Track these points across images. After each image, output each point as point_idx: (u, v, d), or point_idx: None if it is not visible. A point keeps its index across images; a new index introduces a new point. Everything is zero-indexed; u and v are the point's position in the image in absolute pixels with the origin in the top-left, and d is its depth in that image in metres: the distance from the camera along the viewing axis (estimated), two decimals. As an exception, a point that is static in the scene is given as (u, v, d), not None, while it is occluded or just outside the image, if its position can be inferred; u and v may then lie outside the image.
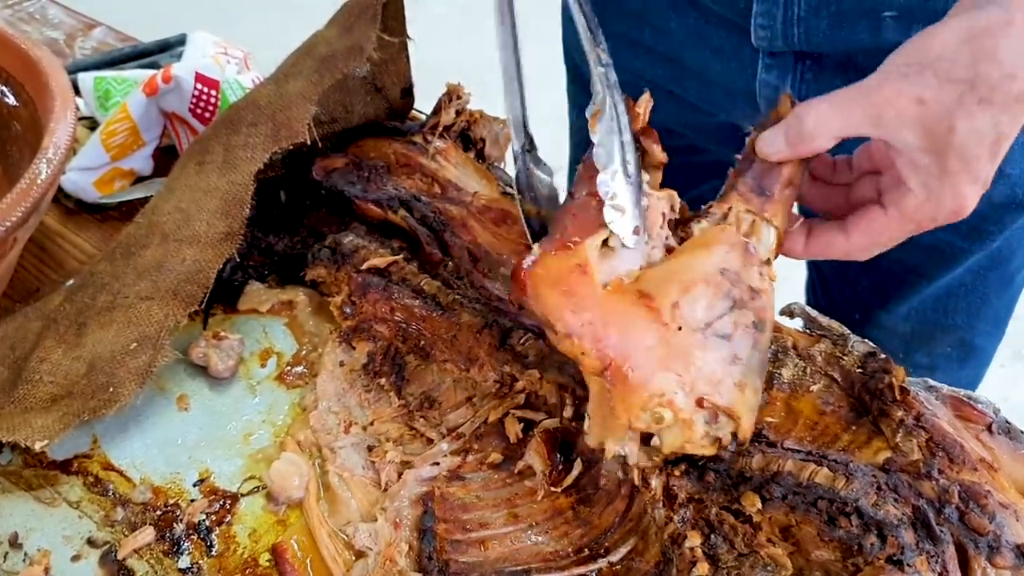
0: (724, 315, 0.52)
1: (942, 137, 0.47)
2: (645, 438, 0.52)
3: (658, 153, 0.56)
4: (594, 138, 0.53)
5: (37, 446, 0.57)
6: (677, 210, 0.57)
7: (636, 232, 0.53)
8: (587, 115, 0.54)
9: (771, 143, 0.52)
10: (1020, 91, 0.46)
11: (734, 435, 0.51)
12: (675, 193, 0.57)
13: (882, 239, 0.52)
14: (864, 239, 0.52)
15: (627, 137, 0.53)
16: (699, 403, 0.50)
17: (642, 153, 0.56)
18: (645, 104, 0.56)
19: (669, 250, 0.55)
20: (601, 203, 0.53)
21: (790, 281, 0.59)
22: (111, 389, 0.59)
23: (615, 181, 0.53)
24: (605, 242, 0.53)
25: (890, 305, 0.89)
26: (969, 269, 0.84)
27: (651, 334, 0.51)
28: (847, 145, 0.54)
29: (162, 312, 0.62)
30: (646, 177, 0.55)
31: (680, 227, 0.56)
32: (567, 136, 1.06)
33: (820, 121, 0.50)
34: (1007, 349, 2.03)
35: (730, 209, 0.55)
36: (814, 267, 1.01)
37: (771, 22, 0.74)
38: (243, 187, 0.65)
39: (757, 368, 0.52)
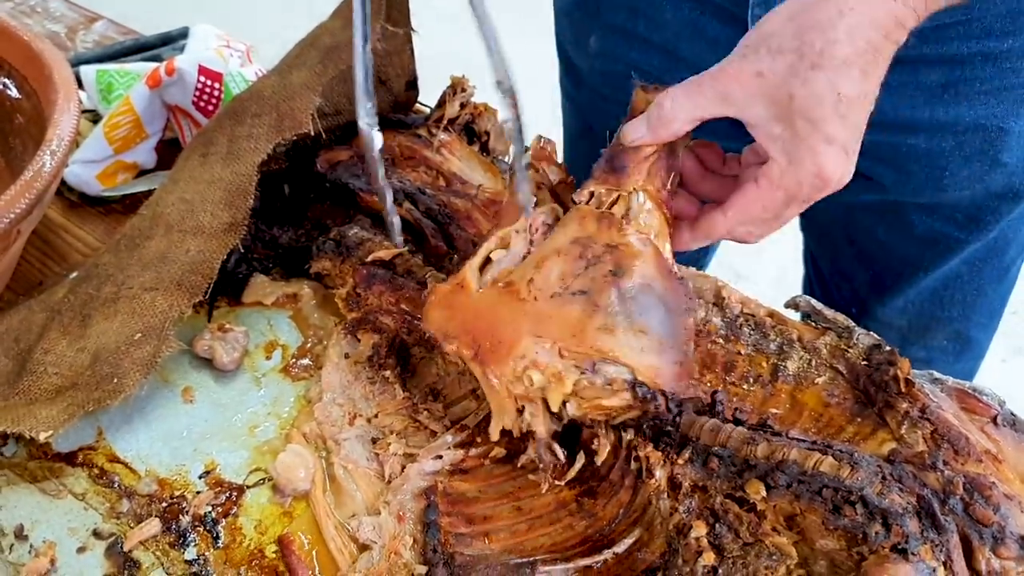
0: (579, 275, 0.53)
1: (785, 104, 0.50)
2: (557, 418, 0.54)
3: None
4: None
5: (41, 437, 0.57)
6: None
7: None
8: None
9: (634, 130, 0.56)
10: (845, 54, 0.49)
11: (660, 393, 0.51)
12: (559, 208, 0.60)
13: (756, 210, 0.53)
14: (740, 213, 0.54)
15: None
16: (560, 354, 0.51)
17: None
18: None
19: None
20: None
21: (787, 281, 0.60)
22: (115, 380, 0.59)
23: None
24: (489, 259, 0.57)
25: (886, 298, 0.89)
26: (965, 260, 0.84)
27: (511, 311, 0.53)
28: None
29: (166, 303, 0.62)
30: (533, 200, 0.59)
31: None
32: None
33: (675, 105, 0.54)
34: (1008, 344, 2.04)
35: (591, 194, 0.56)
36: (811, 264, 1.01)
37: (769, 5, 0.74)
38: (247, 178, 0.65)
39: (629, 311, 0.52)
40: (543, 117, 0.96)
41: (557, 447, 0.55)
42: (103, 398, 0.59)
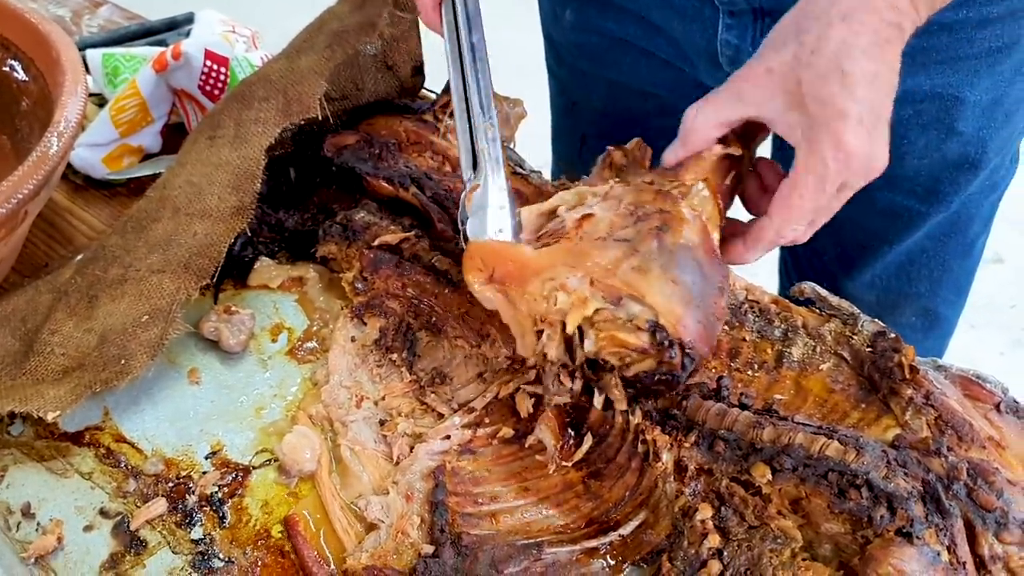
0: (626, 227, 0.55)
1: (796, 92, 0.53)
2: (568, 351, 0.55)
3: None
4: (467, 212, 0.62)
5: (49, 417, 0.57)
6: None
7: None
8: (464, 192, 0.63)
9: (671, 151, 0.59)
10: (842, 36, 0.52)
11: (678, 344, 0.51)
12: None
13: (794, 204, 0.54)
14: (781, 213, 0.55)
15: (497, 205, 0.62)
16: (592, 283, 0.53)
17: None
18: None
19: None
20: None
21: (762, 262, 0.61)
22: (123, 361, 0.60)
23: None
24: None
25: (854, 273, 0.91)
26: (929, 235, 0.86)
27: (551, 249, 0.56)
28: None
29: (173, 285, 0.62)
30: (523, 236, 0.61)
31: None
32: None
33: (699, 114, 0.57)
34: (1006, 337, 2.04)
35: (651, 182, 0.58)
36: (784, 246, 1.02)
37: None
38: (254, 161, 0.66)
39: (666, 261, 0.53)
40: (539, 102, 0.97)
41: (566, 376, 0.57)
42: (110, 379, 0.59)
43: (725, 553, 0.49)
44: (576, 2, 0.89)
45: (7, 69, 0.81)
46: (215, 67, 0.85)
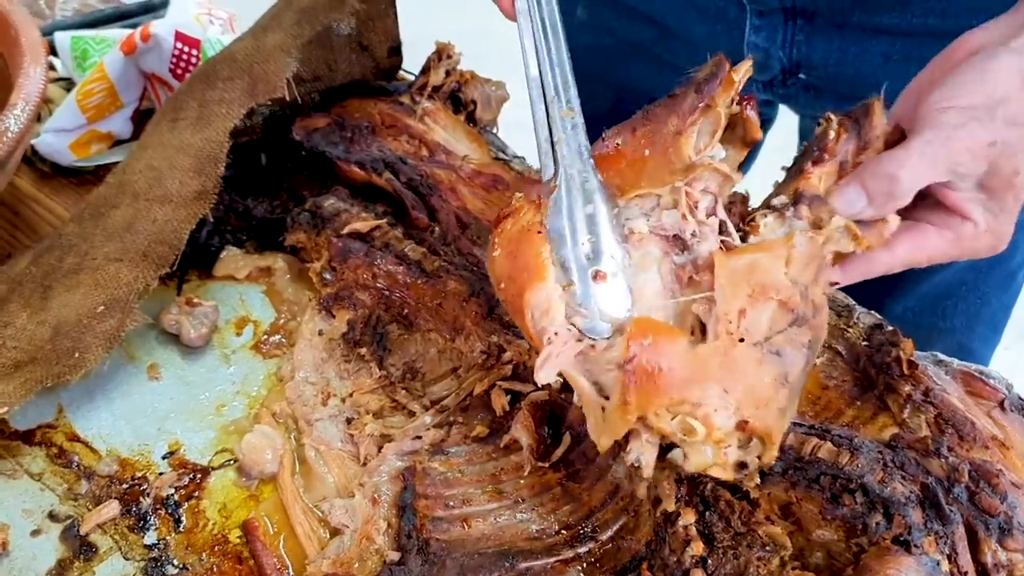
0: (782, 331, 0.45)
1: (1007, 178, 0.47)
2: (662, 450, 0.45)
3: (753, 129, 0.49)
4: (546, 218, 0.49)
5: None
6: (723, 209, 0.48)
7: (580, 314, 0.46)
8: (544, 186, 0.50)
9: (853, 203, 0.48)
10: None
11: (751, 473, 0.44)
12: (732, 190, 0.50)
13: (924, 255, 0.49)
14: (909, 254, 0.49)
15: (583, 212, 0.48)
16: (741, 426, 0.43)
17: (732, 127, 0.49)
18: (744, 70, 0.49)
19: (725, 248, 0.47)
20: None
21: None
22: (77, 354, 0.56)
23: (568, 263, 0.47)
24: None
25: (886, 301, 0.84)
26: (971, 266, 0.80)
27: (709, 352, 0.44)
28: None
29: (131, 274, 0.59)
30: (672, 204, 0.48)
31: (744, 221, 0.49)
32: None
33: (909, 173, 0.47)
34: (1012, 332, 2.00)
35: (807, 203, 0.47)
36: None
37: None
38: (218, 144, 0.62)
39: (799, 390, 0.45)
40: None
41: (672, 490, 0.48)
42: (63, 373, 0.56)
43: (709, 561, 0.46)
44: (589, 0, 0.85)
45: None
46: (186, 49, 0.81)
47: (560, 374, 0.46)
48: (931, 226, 0.49)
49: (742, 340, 0.44)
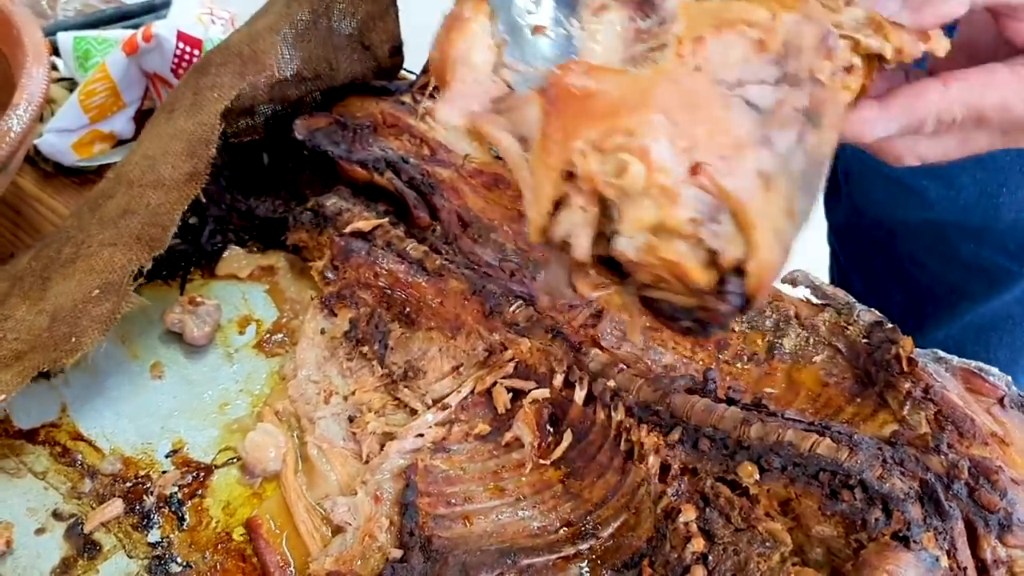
0: (766, 83, 0.35)
1: None
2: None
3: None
4: None
5: None
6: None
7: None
8: None
9: None
10: None
11: (740, 274, 0.34)
12: None
13: (990, 96, 0.40)
14: (969, 93, 0.40)
15: None
16: (694, 170, 0.33)
17: None
18: None
19: None
20: None
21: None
22: (73, 339, 0.56)
23: None
24: None
25: (926, 328, 0.81)
26: (1019, 300, 0.78)
27: (646, 78, 0.35)
28: None
29: (125, 257, 0.59)
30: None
31: None
32: None
33: None
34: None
35: None
36: (841, 277, 0.94)
37: None
38: (209, 127, 0.62)
39: (797, 177, 0.35)
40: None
41: (594, 272, 0.38)
42: (60, 358, 0.56)
43: (710, 557, 0.46)
44: None
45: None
46: (188, 49, 0.82)
47: (478, 127, 0.38)
48: (1001, 65, 0.41)
49: (699, 69, 0.35)
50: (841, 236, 0.93)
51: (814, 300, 0.60)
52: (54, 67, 0.88)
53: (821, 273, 0.94)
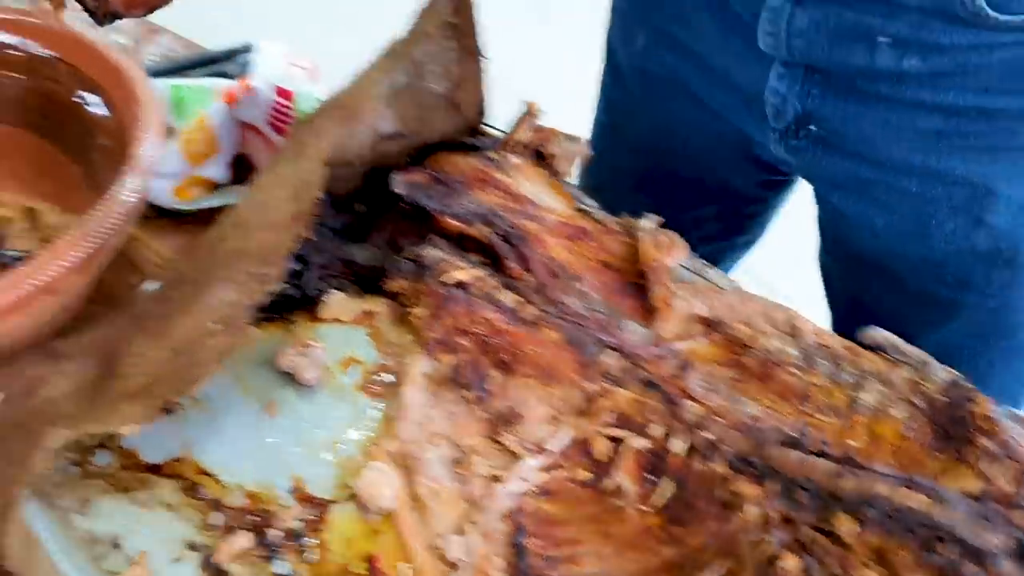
0: None
1: None
2: None
3: None
4: None
5: (124, 431, 0.58)
6: None
7: None
8: None
9: None
10: None
11: None
12: None
13: None
14: None
15: None
16: None
17: None
18: None
19: None
20: None
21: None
22: (192, 369, 0.60)
23: None
24: None
25: None
26: (969, 333, 0.82)
27: None
28: None
29: (240, 294, 0.63)
30: None
31: None
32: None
33: None
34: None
35: None
36: (832, 310, 0.99)
37: (775, 30, 0.76)
38: (311, 171, 0.67)
39: None
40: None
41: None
42: (181, 388, 0.60)
43: (808, 602, 0.50)
44: (652, 30, 0.90)
45: (78, 100, 0.83)
46: (283, 101, 0.87)
47: None
48: None
49: None
50: (826, 271, 0.98)
51: (890, 356, 0.64)
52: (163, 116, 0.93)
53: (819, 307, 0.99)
